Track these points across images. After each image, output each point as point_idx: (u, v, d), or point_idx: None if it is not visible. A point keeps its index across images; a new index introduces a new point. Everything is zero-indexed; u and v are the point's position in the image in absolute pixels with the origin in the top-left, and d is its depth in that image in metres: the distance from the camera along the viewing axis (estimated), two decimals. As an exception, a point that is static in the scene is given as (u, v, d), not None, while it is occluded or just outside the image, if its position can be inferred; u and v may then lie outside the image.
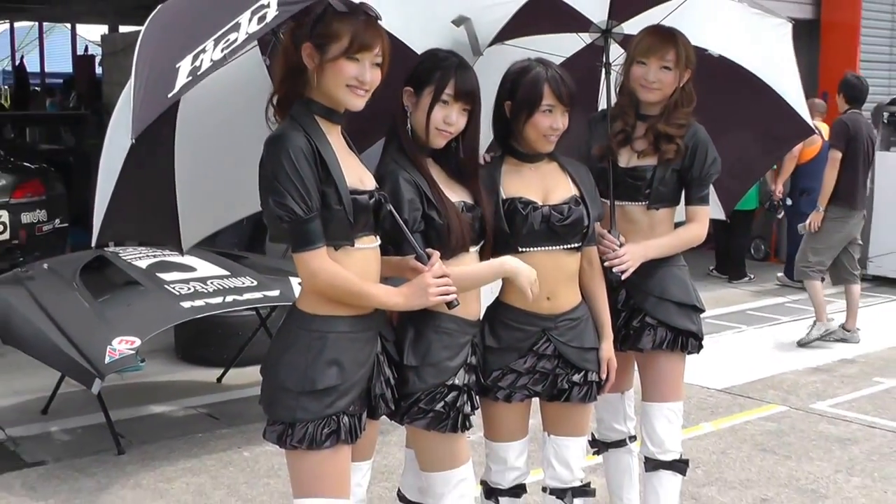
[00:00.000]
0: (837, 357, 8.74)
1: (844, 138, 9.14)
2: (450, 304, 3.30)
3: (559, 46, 4.20)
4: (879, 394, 7.66)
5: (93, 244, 3.51)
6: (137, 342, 5.93)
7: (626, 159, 4.08)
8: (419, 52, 3.56)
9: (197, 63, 2.72)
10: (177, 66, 2.75)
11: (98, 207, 3.33)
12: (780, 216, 12.08)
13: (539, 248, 3.70)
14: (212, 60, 2.71)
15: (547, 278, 3.67)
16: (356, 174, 3.19)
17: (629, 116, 4.06)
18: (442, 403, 3.47)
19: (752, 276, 12.20)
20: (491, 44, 3.94)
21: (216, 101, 3.33)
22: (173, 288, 6.44)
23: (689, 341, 4.17)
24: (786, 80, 4.32)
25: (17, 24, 25.71)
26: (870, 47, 12.07)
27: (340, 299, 3.15)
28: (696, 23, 4.07)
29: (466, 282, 3.45)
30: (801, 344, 9.15)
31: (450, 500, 3.61)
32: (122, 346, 5.87)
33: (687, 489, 5.65)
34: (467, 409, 3.55)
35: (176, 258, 6.86)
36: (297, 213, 2.99)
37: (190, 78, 2.71)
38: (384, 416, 3.51)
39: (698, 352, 4.24)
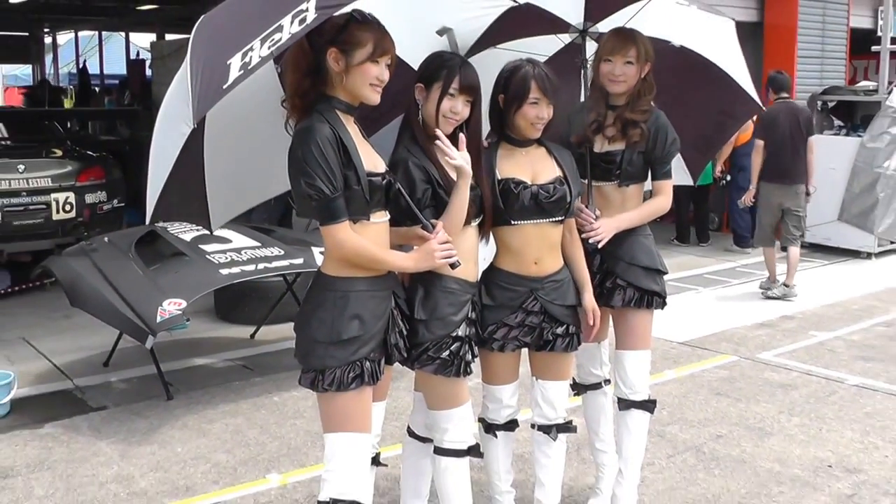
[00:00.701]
0: (779, 314, 8.72)
1: (762, 129, 9.40)
2: (452, 266, 3.34)
3: (543, 47, 4.19)
4: (814, 346, 7.66)
5: (147, 221, 3.48)
6: (184, 304, 5.92)
7: (599, 145, 4.06)
8: (407, 58, 3.55)
9: (246, 60, 2.72)
10: (228, 62, 2.74)
11: (152, 188, 3.31)
12: (723, 185, 12.04)
13: (528, 221, 3.72)
14: (260, 57, 2.71)
15: (534, 246, 3.74)
16: (371, 160, 3.22)
17: (601, 107, 4.04)
18: (447, 352, 3.51)
19: (710, 242, 12.19)
20: (471, 51, 3.94)
21: (234, 102, 3.30)
22: (213, 258, 6.42)
23: (654, 299, 4.16)
24: (735, 67, 4.30)
25: (80, 34, 25.61)
26: (805, 45, 12.08)
27: (361, 264, 3.19)
28: (660, 21, 4.07)
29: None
30: (766, 297, 9.42)
31: (452, 434, 3.64)
32: (171, 307, 5.87)
33: (654, 427, 5.63)
34: (468, 357, 3.58)
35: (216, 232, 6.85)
36: (325, 192, 3.03)
37: (241, 72, 2.72)
38: (396, 364, 3.52)
39: (662, 308, 4.22)
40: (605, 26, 4.08)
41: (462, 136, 3.45)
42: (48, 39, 18.91)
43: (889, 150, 11.08)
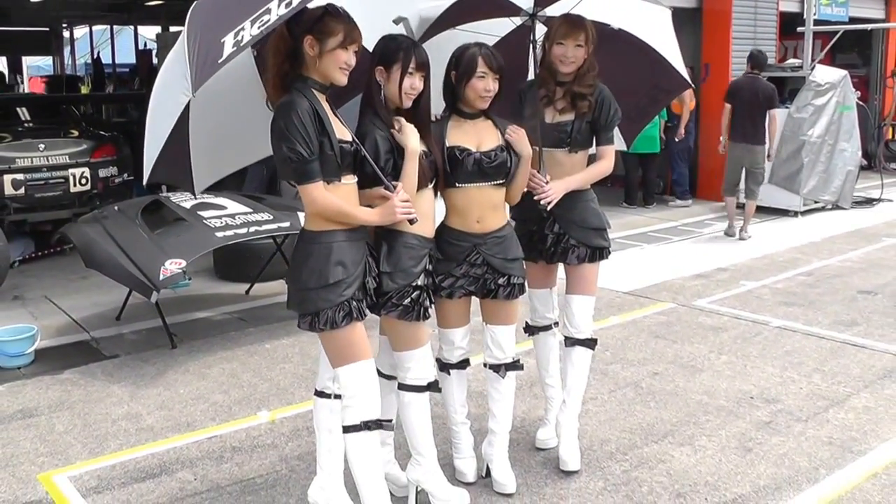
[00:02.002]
0: (714, 266, 8.75)
1: (729, 96, 10.04)
2: (411, 222, 3.43)
3: (496, 28, 4.20)
4: (743, 293, 7.72)
5: (144, 182, 3.53)
6: (183, 263, 5.95)
7: (550, 117, 4.09)
8: (367, 45, 3.56)
9: (238, 38, 2.79)
10: (222, 40, 2.80)
11: (149, 152, 3.36)
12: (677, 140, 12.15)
13: (472, 184, 3.78)
14: (251, 35, 2.78)
15: (477, 206, 3.81)
16: (341, 130, 3.34)
17: (550, 84, 4.06)
18: (409, 299, 3.57)
19: (655, 204, 12.23)
20: (425, 35, 3.95)
21: (215, 80, 3.33)
22: (210, 222, 6.43)
23: (603, 252, 4.22)
24: (668, 47, 4.32)
25: (94, 28, 25.34)
26: (739, 28, 12.10)
27: (333, 218, 3.31)
28: (601, 7, 4.10)
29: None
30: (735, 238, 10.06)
31: (414, 373, 3.70)
32: (172, 266, 5.89)
33: (598, 366, 5.74)
34: (427, 303, 3.64)
35: (212, 199, 6.87)
36: (303, 155, 3.16)
37: (235, 48, 2.78)
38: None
39: (608, 257, 4.28)
40: (552, 11, 4.09)
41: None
42: (66, 34, 18.67)
43: (812, 120, 11.16)
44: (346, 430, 3.40)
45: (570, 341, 4.25)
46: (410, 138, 3.48)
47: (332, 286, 3.28)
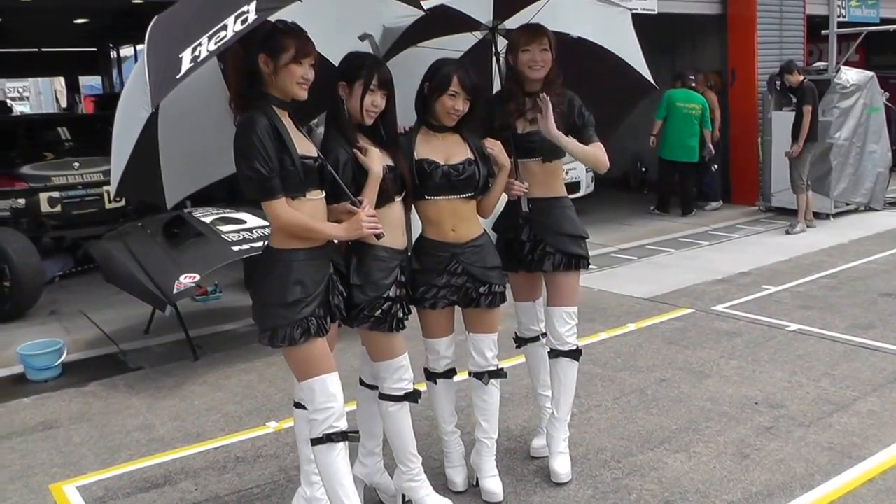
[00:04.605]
0: (738, 270, 8.59)
1: (812, 97, 10.11)
2: (378, 236, 3.39)
3: (458, 43, 4.14)
4: (763, 298, 7.56)
5: (112, 196, 3.57)
6: (197, 277, 6.03)
7: (521, 128, 4.02)
8: (334, 60, 3.57)
9: (196, 53, 2.78)
10: (180, 56, 2.80)
11: (115, 168, 3.36)
12: (715, 167, 12.04)
13: (441, 197, 3.75)
14: (208, 51, 2.77)
15: (450, 217, 3.77)
16: (304, 145, 3.31)
17: (518, 95, 3.99)
18: (380, 311, 3.55)
19: (695, 212, 11.96)
20: (390, 51, 3.93)
21: (185, 95, 3.32)
22: (227, 236, 6.49)
23: (580, 262, 4.13)
24: (629, 50, 4.21)
25: (139, 48, 25.82)
26: (764, 33, 11.83)
27: (298, 234, 3.27)
28: (560, 15, 4.02)
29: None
30: (787, 233, 10.34)
31: (391, 382, 3.69)
32: (186, 280, 5.98)
33: (607, 374, 5.69)
34: (400, 314, 3.62)
35: (232, 214, 6.93)
36: (263, 172, 3.13)
37: (192, 64, 2.77)
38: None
39: (587, 268, 4.19)
40: (511, 23, 4.03)
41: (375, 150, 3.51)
42: (113, 54, 19.04)
43: (839, 122, 10.92)
44: (313, 442, 3.38)
45: (554, 353, 4.17)
46: (374, 163, 3.45)
47: (291, 305, 3.24)
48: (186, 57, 2.79)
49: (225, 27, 2.78)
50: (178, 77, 2.78)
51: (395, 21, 3.83)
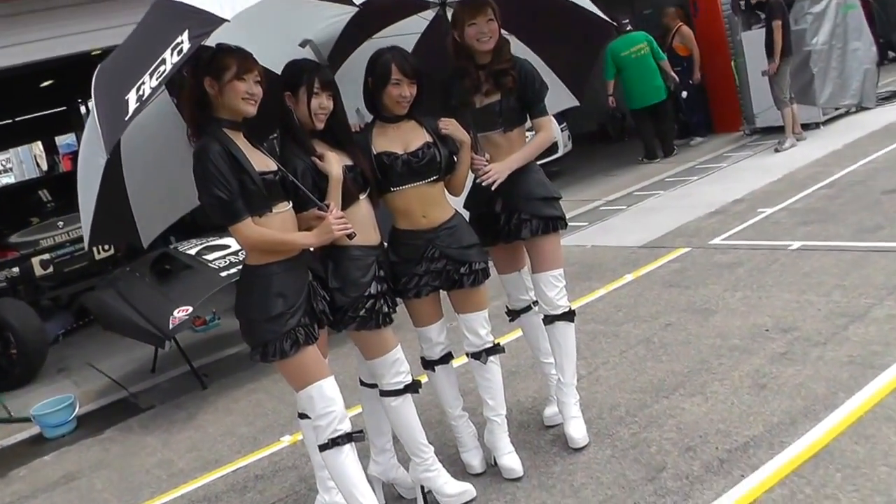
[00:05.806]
0: (731, 199, 8.39)
1: (780, 10, 9.97)
2: (349, 236, 3.37)
3: (411, 27, 4.07)
4: (760, 221, 7.37)
5: (86, 246, 3.57)
6: (190, 309, 6.01)
7: (478, 102, 3.94)
8: (278, 71, 3.54)
9: (140, 92, 2.79)
10: (126, 98, 2.81)
11: (85, 217, 3.41)
12: (684, 95, 11.88)
13: (406, 186, 3.70)
14: (151, 87, 2.77)
15: (419, 204, 3.73)
16: (262, 162, 3.32)
17: (471, 70, 3.91)
18: (364, 310, 3.54)
19: (677, 150, 11.83)
20: (336, 50, 3.88)
21: (143, 136, 3.36)
22: (214, 264, 6.49)
23: (556, 223, 4.05)
24: None
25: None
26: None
27: (270, 249, 3.30)
28: None
29: None
30: (777, 151, 10.11)
31: (389, 377, 3.68)
32: (180, 314, 5.98)
33: (609, 329, 5.60)
34: (385, 309, 3.60)
35: (216, 241, 6.90)
36: (223, 197, 3.15)
37: (138, 104, 2.78)
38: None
39: (565, 228, 4.11)
40: None
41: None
42: (83, 109, 18.96)
43: (815, 28, 10.67)
44: (320, 448, 3.40)
45: (549, 318, 4.09)
46: (333, 166, 3.42)
47: (275, 318, 3.27)
48: (132, 97, 2.80)
49: (164, 61, 2.78)
50: (126, 119, 2.79)
51: (332, 19, 3.76)
